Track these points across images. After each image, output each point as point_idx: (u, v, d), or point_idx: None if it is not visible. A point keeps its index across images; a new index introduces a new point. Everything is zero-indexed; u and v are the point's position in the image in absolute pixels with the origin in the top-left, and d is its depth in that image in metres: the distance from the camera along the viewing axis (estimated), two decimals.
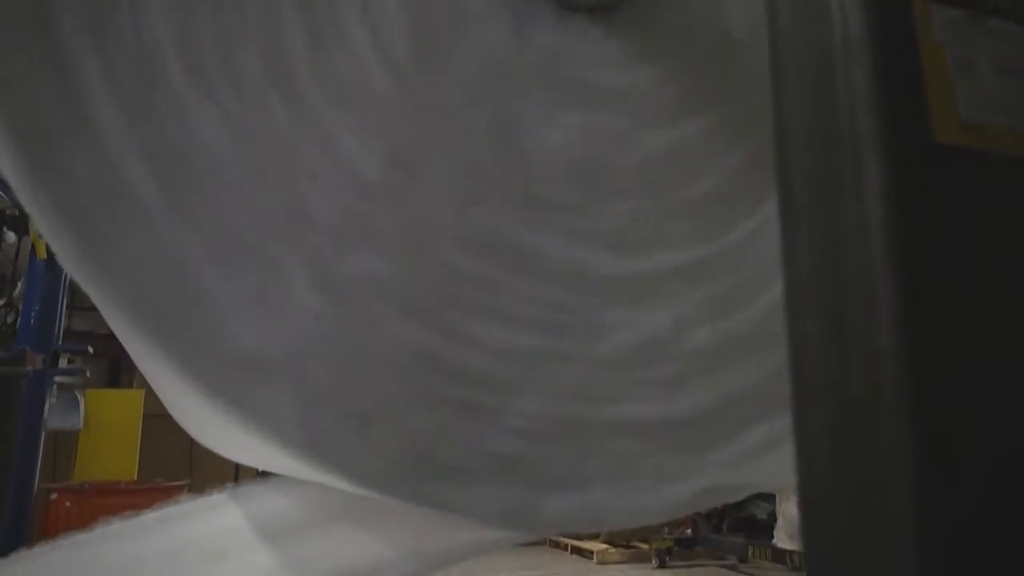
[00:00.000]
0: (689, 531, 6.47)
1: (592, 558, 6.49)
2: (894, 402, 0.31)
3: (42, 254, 3.73)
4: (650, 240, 0.71)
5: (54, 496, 3.56)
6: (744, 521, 6.85)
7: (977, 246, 0.33)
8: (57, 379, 3.96)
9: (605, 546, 6.63)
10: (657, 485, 0.66)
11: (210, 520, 1.47)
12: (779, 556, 5.48)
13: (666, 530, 6.70)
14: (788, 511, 6.12)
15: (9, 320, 3.73)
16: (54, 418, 3.98)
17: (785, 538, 6.00)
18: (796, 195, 0.37)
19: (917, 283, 0.32)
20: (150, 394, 4.89)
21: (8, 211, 3.59)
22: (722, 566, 6.31)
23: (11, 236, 3.56)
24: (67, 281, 4.01)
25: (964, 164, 0.34)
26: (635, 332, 0.68)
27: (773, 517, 6.38)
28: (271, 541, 0.96)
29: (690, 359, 0.69)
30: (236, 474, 4.11)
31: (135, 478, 4.49)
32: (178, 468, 5.48)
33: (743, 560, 6.30)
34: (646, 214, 0.71)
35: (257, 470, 2.04)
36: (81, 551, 1.46)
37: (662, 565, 6.16)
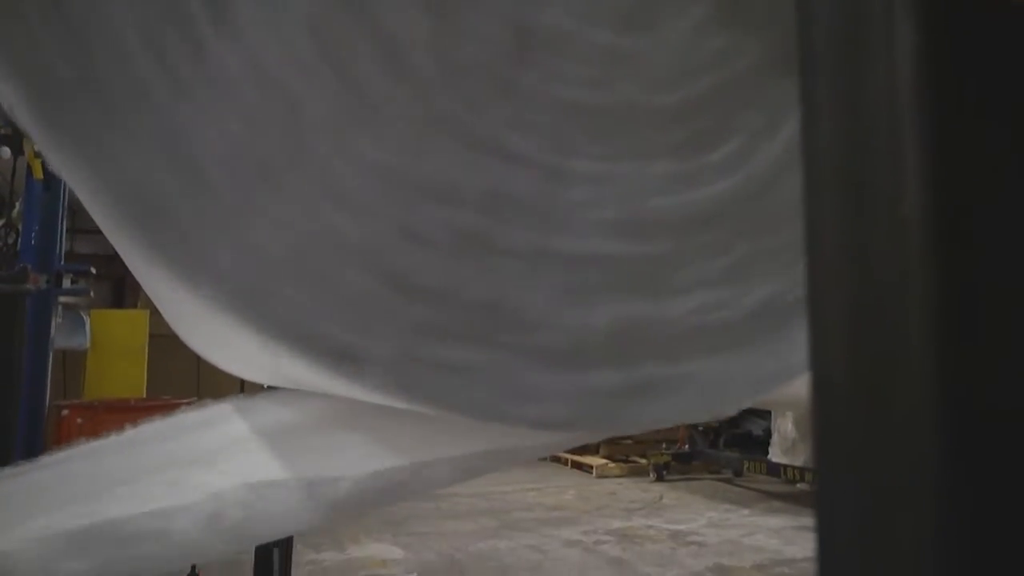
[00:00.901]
0: (686, 447, 6.66)
1: (592, 472, 6.68)
2: (918, 273, 0.29)
3: (38, 174, 3.70)
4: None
5: (65, 412, 3.64)
6: (740, 437, 7.03)
7: (1016, 112, 0.30)
8: (61, 299, 3.99)
9: (604, 461, 6.82)
10: (721, 386, 0.65)
11: (215, 428, 1.51)
12: (774, 469, 5.65)
13: (664, 445, 6.88)
14: (783, 427, 6.27)
15: (10, 241, 3.73)
16: (61, 338, 4.04)
17: (780, 453, 6.18)
18: (818, 52, 0.34)
19: (946, 149, 0.30)
20: (155, 314, 4.94)
21: (2, 130, 3.54)
22: (718, 479, 6.51)
23: (6, 152, 3.52)
24: (67, 202, 3.99)
25: (997, 21, 0.31)
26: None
27: (768, 433, 6.55)
28: (273, 448, 0.98)
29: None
30: (241, 390, 4.19)
31: (144, 395, 4.59)
32: (185, 386, 5.60)
33: (738, 474, 6.50)
34: None
35: (263, 385, 2.08)
36: (91, 459, 1.51)
37: (659, 479, 6.35)
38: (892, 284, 0.29)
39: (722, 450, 6.74)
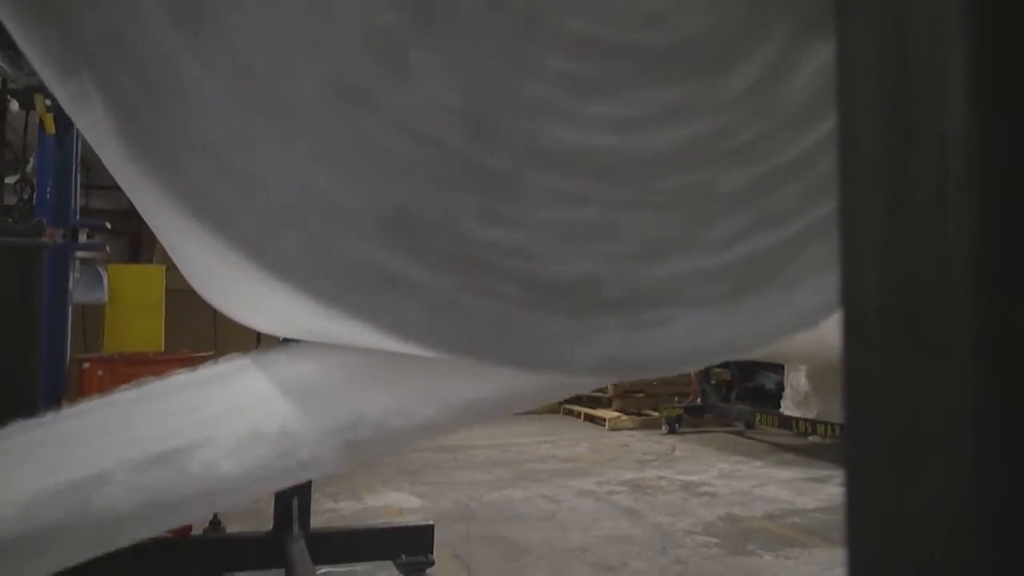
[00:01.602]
0: (698, 400, 6.70)
1: (605, 425, 6.75)
2: (957, 195, 0.27)
3: (50, 128, 3.70)
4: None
5: (86, 366, 3.69)
6: (752, 391, 7.07)
7: None
8: (78, 254, 4.03)
9: (617, 414, 6.88)
10: (737, 321, 0.63)
11: (235, 379, 1.53)
12: (785, 423, 5.69)
13: (676, 399, 6.93)
14: (796, 381, 6.29)
15: (25, 196, 3.74)
16: (79, 292, 4.09)
17: (792, 406, 6.21)
18: None
19: (991, 62, 0.28)
20: (171, 269, 4.97)
21: (12, 83, 3.52)
22: (730, 432, 6.55)
23: (15, 105, 3.51)
24: (79, 158, 4.00)
25: None
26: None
27: (780, 387, 6.57)
28: (294, 397, 0.99)
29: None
30: (258, 343, 4.24)
31: (162, 349, 4.65)
32: (202, 340, 5.66)
33: (750, 427, 6.54)
34: None
35: (279, 339, 2.10)
36: (114, 410, 1.53)
37: (671, 431, 6.41)
38: (930, 205, 0.28)
39: (734, 403, 6.79)
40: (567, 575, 2.80)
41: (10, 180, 3.58)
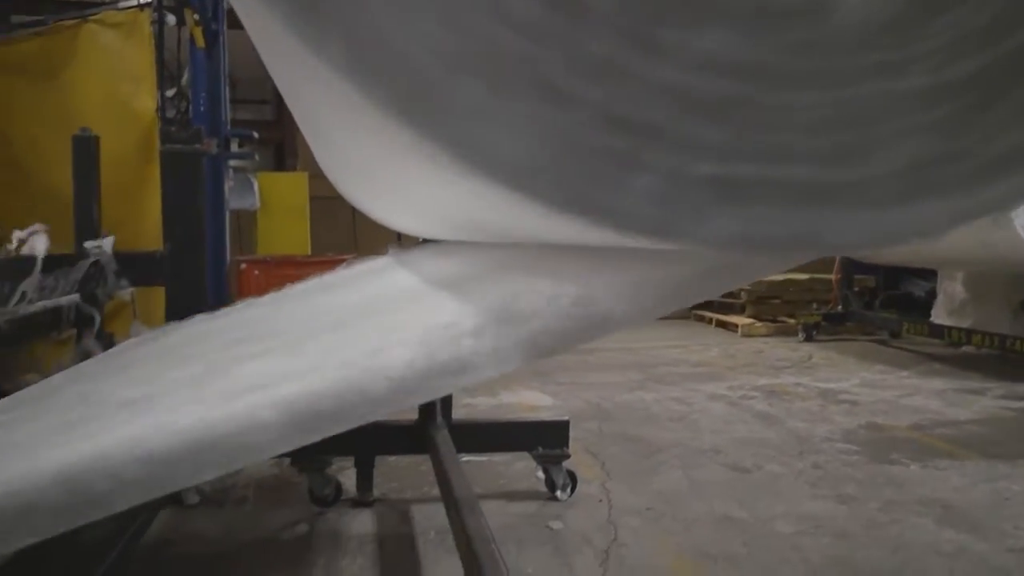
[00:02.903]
0: (839, 307, 6.40)
1: (737, 331, 6.61)
2: None
3: (200, 42, 3.88)
4: None
5: (244, 267, 4.00)
6: (898, 298, 6.65)
7: None
8: (231, 163, 4.29)
9: (751, 320, 6.71)
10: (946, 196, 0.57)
11: (379, 276, 1.59)
12: (936, 331, 5.34)
13: (815, 305, 6.65)
14: (951, 288, 5.86)
15: (182, 108, 3.99)
16: (234, 199, 4.37)
17: (944, 314, 5.81)
18: None
19: None
20: (313, 177, 5.21)
21: (167, 0, 3.70)
22: (872, 340, 6.26)
23: (171, 18, 3.69)
24: (227, 71, 4.19)
25: None
26: None
27: (931, 295, 6.14)
28: (436, 290, 1.01)
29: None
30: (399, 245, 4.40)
31: (309, 252, 4.94)
32: (344, 244, 5.96)
33: (895, 335, 6.20)
34: None
35: (419, 240, 2.16)
36: (275, 305, 1.64)
37: (808, 339, 6.19)
38: None
39: (878, 311, 6.43)
40: (700, 474, 2.82)
41: (169, 94, 3.81)
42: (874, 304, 6.60)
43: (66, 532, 0.72)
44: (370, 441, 2.48)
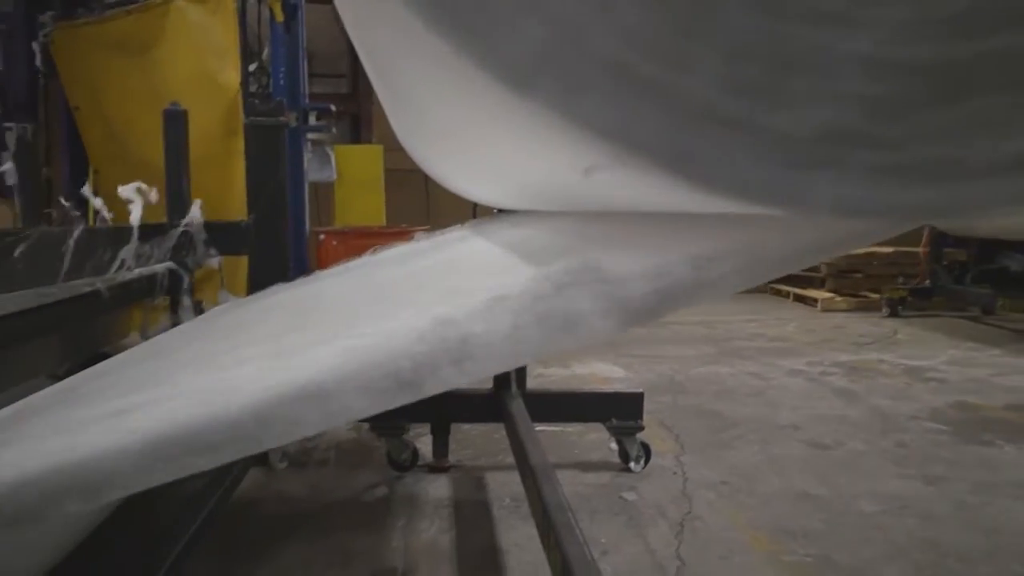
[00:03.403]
0: (927, 282, 6.12)
1: (816, 305, 6.41)
2: None
3: (279, 16, 3.96)
4: None
5: (322, 237, 4.10)
6: (992, 273, 6.30)
7: None
8: (310, 136, 4.38)
9: (830, 294, 6.49)
10: None
11: (457, 246, 1.60)
12: None
13: (900, 279, 6.38)
14: None
15: (263, 82, 4.09)
16: (312, 171, 4.47)
17: None
18: None
19: None
20: (388, 150, 5.27)
21: None
22: (962, 317, 5.97)
23: None
24: (305, 45, 4.27)
25: None
26: None
27: None
28: (522, 257, 1.00)
29: None
30: (474, 216, 4.43)
31: (384, 223, 5.02)
32: (417, 216, 6.03)
33: (988, 312, 5.91)
34: None
35: (494, 211, 2.16)
36: (353, 273, 1.68)
37: (893, 314, 5.95)
38: None
39: (970, 286, 6.12)
40: (778, 450, 2.77)
41: (250, 68, 3.90)
42: (965, 279, 6.28)
43: (165, 486, 0.76)
44: (446, 408, 2.53)
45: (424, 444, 2.63)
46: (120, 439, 0.72)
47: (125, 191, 2.10)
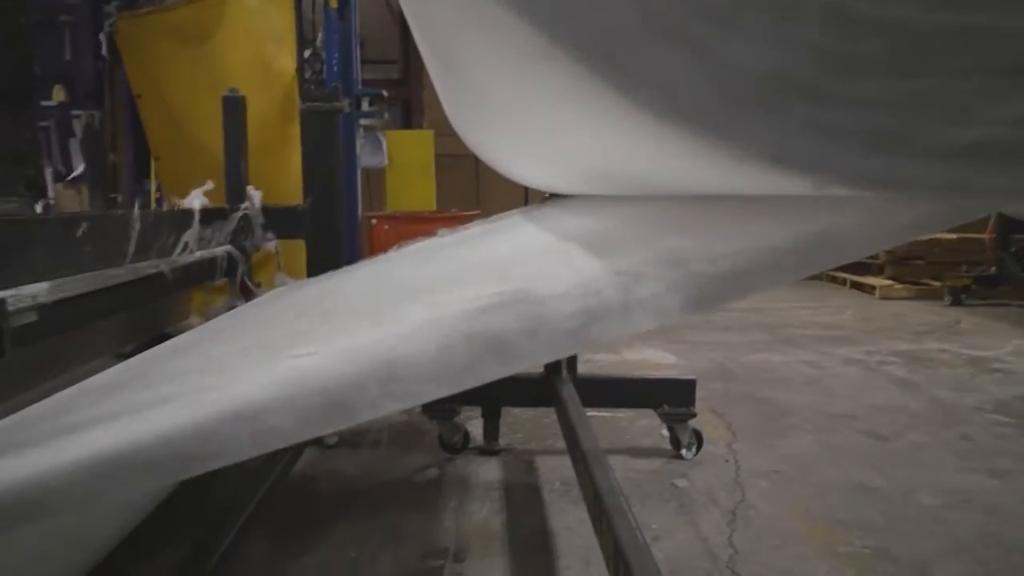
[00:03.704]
0: (993, 269, 5.89)
1: (874, 293, 6.24)
2: None
3: (333, 3, 3.99)
4: None
5: (374, 222, 4.14)
6: None
7: None
8: (362, 121, 4.42)
9: (889, 282, 6.31)
10: None
11: (513, 231, 1.60)
12: None
13: (964, 267, 6.16)
14: None
15: (317, 68, 4.14)
16: (364, 157, 4.52)
17: None
18: None
19: None
20: (439, 136, 5.29)
21: None
22: None
23: None
24: (358, 31, 4.30)
25: None
26: None
27: None
28: (584, 241, 0.99)
29: None
30: (525, 202, 4.43)
31: (434, 208, 5.05)
32: (467, 201, 6.06)
33: None
34: None
35: (544, 195, 2.15)
36: (411, 259, 1.69)
37: (956, 303, 5.75)
38: None
39: None
40: (833, 440, 2.71)
41: (305, 55, 3.95)
42: None
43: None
44: (497, 392, 2.54)
45: (475, 427, 2.65)
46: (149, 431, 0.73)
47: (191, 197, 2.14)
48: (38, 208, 2.50)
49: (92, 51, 3.50)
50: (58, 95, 3.59)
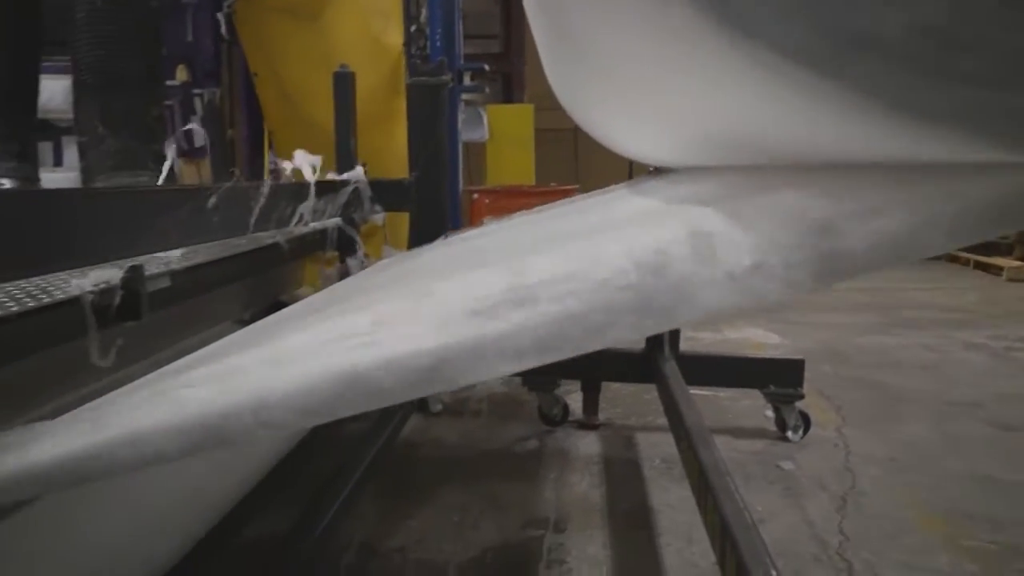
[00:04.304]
0: None
1: (1000, 274, 5.82)
2: None
3: None
4: None
5: (475, 196, 4.19)
6: None
7: None
8: (464, 96, 4.46)
9: (1019, 263, 5.86)
10: None
11: (616, 203, 1.57)
12: None
13: None
14: None
15: (421, 44, 4.19)
16: (465, 131, 4.56)
17: None
18: None
19: None
20: (539, 110, 5.26)
21: None
22: None
23: None
24: (460, 6, 4.32)
25: None
26: None
27: None
28: (702, 206, 0.95)
29: None
30: (629, 176, 4.36)
31: (534, 182, 5.04)
32: (567, 176, 6.01)
33: None
34: None
35: (649, 168, 2.10)
36: (511, 231, 1.69)
37: None
38: None
39: None
40: (954, 428, 2.56)
41: (411, 29, 4.01)
42: None
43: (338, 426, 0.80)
44: (598, 366, 2.53)
45: (574, 400, 2.65)
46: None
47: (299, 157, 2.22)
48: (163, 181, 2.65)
49: (212, 32, 3.67)
50: (181, 75, 3.78)
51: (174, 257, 1.49)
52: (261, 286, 2.06)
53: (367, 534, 1.86)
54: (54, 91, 2.82)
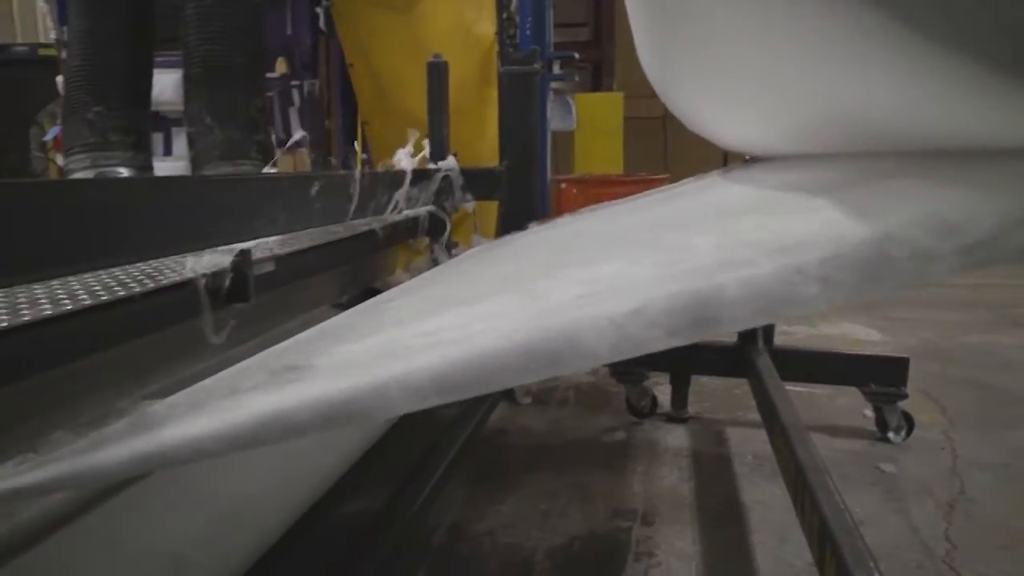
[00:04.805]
0: None
1: None
2: None
3: None
4: None
5: (563, 185, 4.18)
6: None
7: None
8: (553, 85, 4.44)
9: None
10: None
11: (712, 192, 1.53)
12: None
13: None
14: None
15: (511, 32, 4.20)
16: (554, 120, 4.54)
17: None
18: None
19: None
20: (627, 98, 5.20)
21: None
22: None
23: None
24: None
25: None
26: None
27: None
28: (815, 196, 0.91)
29: None
30: (724, 163, 4.26)
31: (622, 172, 4.99)
32: (655, 165, 5.92)
33: None
34: None
35: (745, 157, 2.04)
36: (603, 221, 1.67)
37: None
38: None
39: None
40: None
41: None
42: None
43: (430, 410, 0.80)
44: (688, 359, 2.49)
45: (662, 393, 2.62)
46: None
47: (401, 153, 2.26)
48: (266, 170, 2.76)
49: (310, 25, 3.78)
50: (280, 67, 3.92)
51: (278, 242, 1.54)
52: (357, 272, 2.11)
53: (456, 517, 1.89)
54: (165, 85, 2.98)
